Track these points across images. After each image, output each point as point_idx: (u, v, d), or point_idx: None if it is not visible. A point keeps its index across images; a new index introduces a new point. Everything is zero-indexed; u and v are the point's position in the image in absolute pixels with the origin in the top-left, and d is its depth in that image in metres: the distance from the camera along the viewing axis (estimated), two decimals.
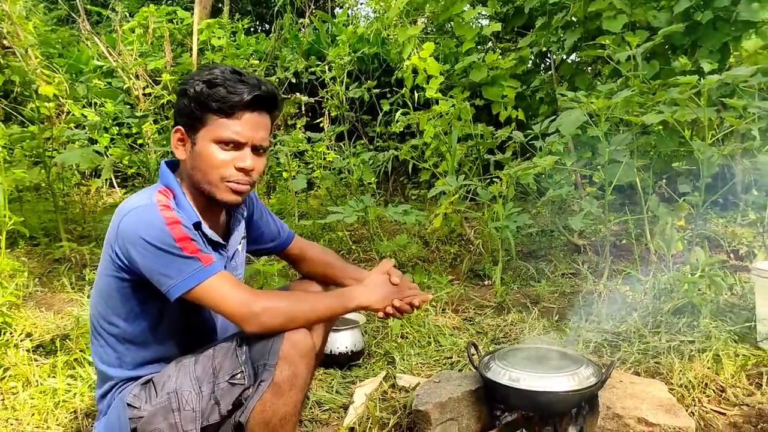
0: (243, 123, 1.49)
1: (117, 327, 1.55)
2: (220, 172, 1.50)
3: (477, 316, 3.18)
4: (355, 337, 2.60)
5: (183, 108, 1.51)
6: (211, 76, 1.48)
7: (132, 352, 1.57)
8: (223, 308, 1.45)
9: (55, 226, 4.56)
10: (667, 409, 1.84)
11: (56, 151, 4.45)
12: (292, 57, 6.52)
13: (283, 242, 1.90)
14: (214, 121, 1.48)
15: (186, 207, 1.53)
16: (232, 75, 1.49)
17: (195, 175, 1.53)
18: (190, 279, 1.42)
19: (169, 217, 1.44)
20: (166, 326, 1.57)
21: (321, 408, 2.27)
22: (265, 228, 1.86)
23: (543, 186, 4.24)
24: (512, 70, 5.11)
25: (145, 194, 1.52)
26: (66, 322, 2.90)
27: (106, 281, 1.52)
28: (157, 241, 1.41)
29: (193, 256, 1.43)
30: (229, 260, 1.67)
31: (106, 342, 1.57)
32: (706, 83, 2.98)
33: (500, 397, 2.00)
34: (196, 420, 1.46)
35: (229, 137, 1.48)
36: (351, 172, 5.31)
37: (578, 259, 3.98)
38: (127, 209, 1.47)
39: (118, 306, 1.53)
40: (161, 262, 1.41)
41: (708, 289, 2.96)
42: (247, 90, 1.47)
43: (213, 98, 1.46)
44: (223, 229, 1.69)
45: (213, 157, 1.49)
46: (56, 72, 5.17)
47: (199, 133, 1.50)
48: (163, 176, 1.58)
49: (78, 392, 2.28)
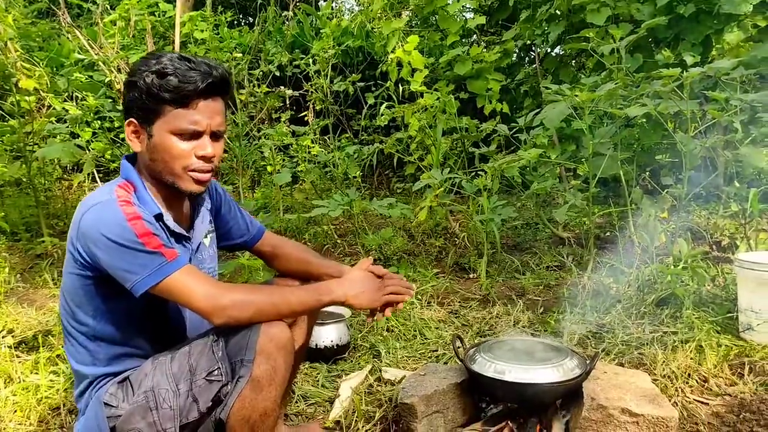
0: (199, 111, 1.47)
1: (85, 325, 1.53)
2: (181, 162, 1.48)
3: (462, 309, 3.18)
4: (340, 331, 2.60)
5: (134, 100, 1.48)
6: (160, 65, 1.45)
7: (103, 348, 1.55)
8: (190, 302, 1.44)
9: (36, 222, 4.51)
10: (650, 399, 1.85)
11: (37, 146, 4.39)
12: (276, 50, 6.47)
13: (252, 238, 1.87)
14: (170, 111, 1.46)
15: (147, 200, 1.51)
16: (181, 62, 1.46)
17: (155, 167, 1.51)
18: (155, 274, 1.40)
19: (130, 213, 1.42)
20: (134, 322, 1.55)
21: (307, 402, 2.27)
22: (233, 223, 1.84)
23: (527, 179, 4.26)
24: (497, 63, 5.11)
25: (105, 190, 1.50)
26: (48, 318, 2.87)
27: (71, 279, 1.50)
28: (118, 238, 1.39)
29: (156, 251, 1.41)
30: (194, 252, 1.65)
31: (76, 340, 1.55)
32: (689, 76, 3.00)
33: (486, 390, 2.01)
34: (174, 418, 1.45)
35: (186, 128, 1.47)
36: (336, 165, 5.29)
37: (563, 251, 4.00)
38: (88, 206, 1.44)
39: (84, 304, 1.51)
40: (124, 259, 1.39)
41: (691, 281, 2.99)
42: (200, 77, 1.45)
43: (165, 89, 1.44)
44: (187, 221, 1.67)
45: (173, 148, 1.47)
46: (37, 65, 5.08)
47: (154, 125, 1.48)
48: (124, 170, 1.56)
49: (60, 388, 2.26)
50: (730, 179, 4.17)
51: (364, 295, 1.65)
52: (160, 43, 6.82)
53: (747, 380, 2.24)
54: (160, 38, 6.98)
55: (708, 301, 2.90)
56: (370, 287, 1.68)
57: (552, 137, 4.38)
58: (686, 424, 2.01)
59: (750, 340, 2.51)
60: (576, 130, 3.88)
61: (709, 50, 4.40)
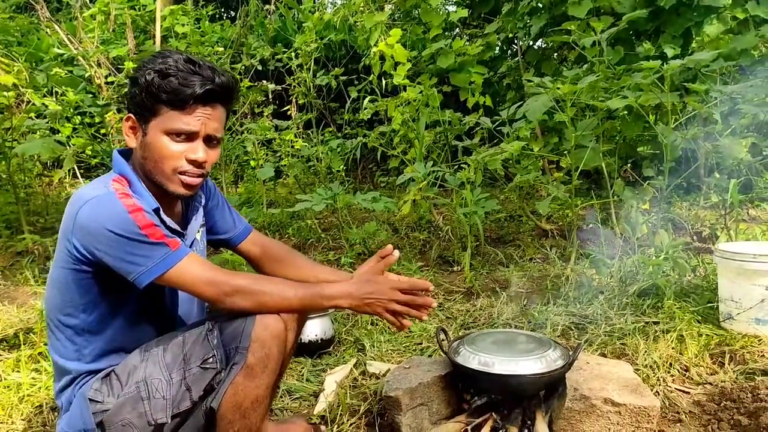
0: (195, 116, 1.46)
1: (74, 318, 1.51)
2: (171, 163, 1.47)
3: (446, 301, 3.19)
4: (324, 325, 2.60)
5: (134, 96, 1.48)
6: (163, 65, 1.44)
7: (91, 343, 1.53)
8: (196, 289, 1.45)
9: (17, 219, 4.46)
10: (632, 389, 1.87)
11: (16, 142, 4.34)
12: (258, 44, 6.44)
13: (237, 235, 1.83)
14: (166, 112, 1.45)
15: (143, 194, 1.50)
16: (186, 65, 1.45)
17: (146, 165, 1.51)
18: (161, 265, 1.41)
19: (131, 205, 1.41)
20: (125, 315, 1.55)
21: (291, 396, 2.26)
22: (219, 218, 1.82)
23: (511, 171, 4.27)
24: (479, 56, 5.12)
25: (99, 183, 1.49)
26: (30, 316, 2.84)
27: (63, 273, 1.49)
28: (121, 230, 1.38)
29: (160, 241, 1.41)
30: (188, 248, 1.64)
31: (63, 334, 1.54)
32: (669, 68, 3.03)
33: (470, 382, 2.01)
34: (166, 408, 1.45)
35: (180, 128, 1.46)
36: (319, 159, 5.28)
37: (546, 243, 4.03)
38: (84, 200, 1.43)
39: (76, 297, 1.50)
40: (128, 251, 1.39)
41: (672, 271, 3.02)
42: (199, 83, 1.44)
43: (164, 90, 1.43)
44: (180, 218, 1.66)
45: (164, 149, 1.46)
46: (15, 60, 5.02)
47: (150, 123, 1.47)
48: (117, 164, 1.54)
49: (43, 386, 2.24)
50: (710, 170, 4.22)
51: (369, 304, 1.56)
52: (140, 37, 6.76)
53: (727, 369, 2.27)
54: (141, 32, 6.92)
55: (689, 291, 2.93)
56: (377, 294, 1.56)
57: (534, 130, 4.41)
58: (668, 413, 2.04)
59: (730, 330, 2.54)
60: (558, 123, 3.90)
61: (690, 42, 4.44)
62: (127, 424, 1.46)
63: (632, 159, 4.56)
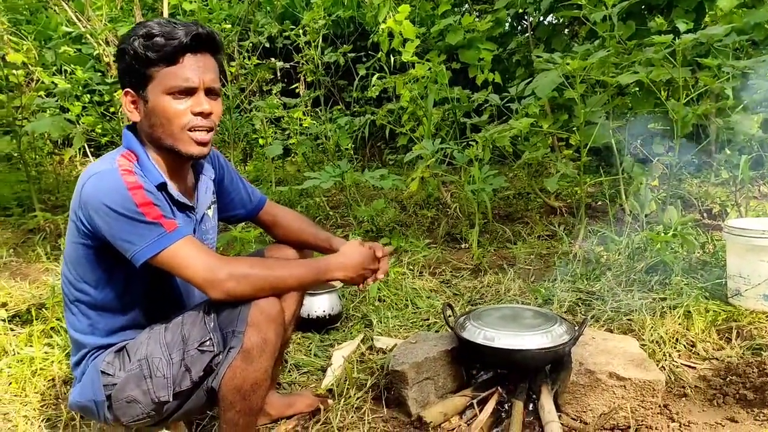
0: (188, 67, 1.46)
1: (87, 294, 1.54)
2: (178, 121, 1.48)
3: (454, 278, 3.20)
4: (332, 301, 2.62)
5: (126, 68, 1.48)
6: (145, 29, 1.45)
7: (103, 318, 1.56)
8: (188, 274, 1.43)
9: (28, 196, 4.50)
10: (637, 363, 1.88)
11: (27, 120, 4.35)
12: (265, 21, 6.38)
13: (254, 208, 1.89)
14: (159, 72, 1.45)
15: (150, 169, 1.51)
16: (166, 23, 1.46)
17: (155, 133, 1.50)
18: (154, 245, 1.40)
19: (131, 182, 1.41)
20: (134, 292, 1.56)
21: (299, 371, 2.29)
22: (235, 194, 1.84)
23: (519, 149, 4.25)
24: (489, 32, 5.06)
25: (107, 159, 1.50)
26: (42, 292, 2.88)
27: (74, 248, 1.51)
28: (118, 207, 1.39)
29: (155, 221, 1.41)
30: (198, 223, 1.65)
31: (77, 309, 1.56)
32: (681, 43, 2.99)
33: (476, 356, 2.03)
34: (168, 387, 1.47)
35: (179, 85, 1.46)
36: (327, 137, 5.27)
37: (554, 220, 4.02)
38: (89, 175, 1.44)
39: (87, 273, 1.52)
40: (124, 228, 1.40)
41: (680, 248, 3.02)
42: (183, 32, 1.44)
43: (152, 49, 1.43)
44: (191, 192, 1.67)
45: (169, 109, 1.47)
46: (24, 39, 5.02)
47: (148, 89, 1.47)
48: (126, 140, 1.55)
49: (55, 360, 2.28)
50: (721, 147, 4.17)
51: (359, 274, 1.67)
52: (148, 15, 6.72)
53: (734, 344, 2.27)
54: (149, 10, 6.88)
55: (697, 267, 2.92)
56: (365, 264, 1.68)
57: (544, 106, 4.37)
58: (673, 387, 2.05)
59: (738, 306, 2.53)
60: (568, 99, 3.86)
61: (702, 17, 4.35)
62: (132, 400, 1.48)
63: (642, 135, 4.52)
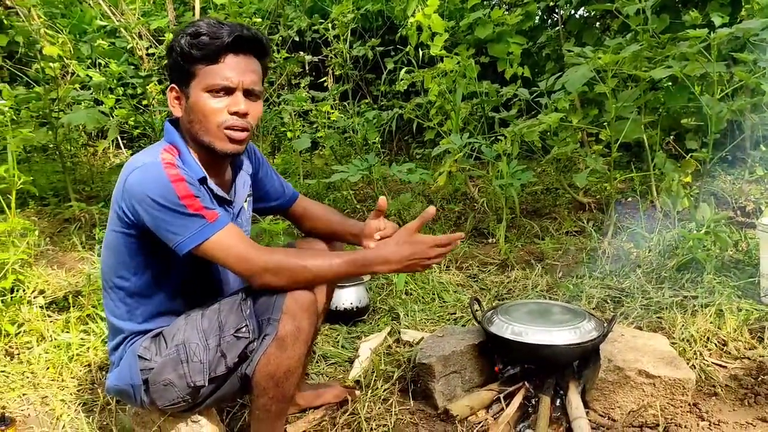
0: (229, 67, 1.49)
1: (126, 281, 1.58)
2: (215, 119, 1.51)
3: (481, 273, 3.20)
4: (360, 294, 2.64)
5: (172, 65, 1.53)
6: (194, 28, 1.49)
7: (141, 305, 1.60)
8: (230, 263, 1.47)
9: (63, 187, 4.60)
10: (668, 361, 1.87)
11: (62, 112, 4.45)
12: (295, 15, 6.42)
13: (287, 201, 1.92)
14: (201, 70, 1.49)
15: (191, 163, 1.54)
16: (215, 23, 1.50)
17: (193, 128, 1.54)
18: (197, 235, 1.44)
19: (174, 175, 1.45)
20: (173, 280, 1.60)
21: (327, 362, 2.32)
22: (269, 186, 1.88)
23: (548, 144, 4.22)
24: (518, 26, 5.02)
25: (150, 152, 1.54)
26: (78, 280, 2.94)
27: (114, 236, 1.55)
28: (161, 199, 1.42)
29: (197, 213, 1.44)
30: (235, 217, 1.69)
31: (116, 296, 1.61)
32: (717, 37, 2.93)
33: (503, 351, 2.03)
34: (203, 371, 1.50)
35: (217, 83, 1.49)
36: (355, 131, 5.29)
37: (583, 216, 3.98)
38: (133, 166, 1.48)
39: (127, 260, 1.56)
40: (167, 220, 1.43)
41: (713, 246, 2.97)
42: (227, 32, 1.48)
43: (197, 47, 1.47)
44: (228, 186, 1.70)
45: (206, 106, 1.50)
46: (60, 32, 5.13)
47: (190, 86, 1.51)
48: (168, 134, 1.59)
49: (91, 346, 2.34)
50: (756, 143, 4.10)
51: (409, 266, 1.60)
52: (180, 9, 6.81)
53: (767, 344, 2.24)
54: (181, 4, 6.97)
55: (730, 266, 2.88)
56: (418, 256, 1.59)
57: (574, 101, 4.32)
58: (704, 386, 2.03)
59: None
60: (599, 94, 3.81)
61: (738, 10, 4.28)
62: (168, 383, 1.52)
63: (675, 131, 4.45)
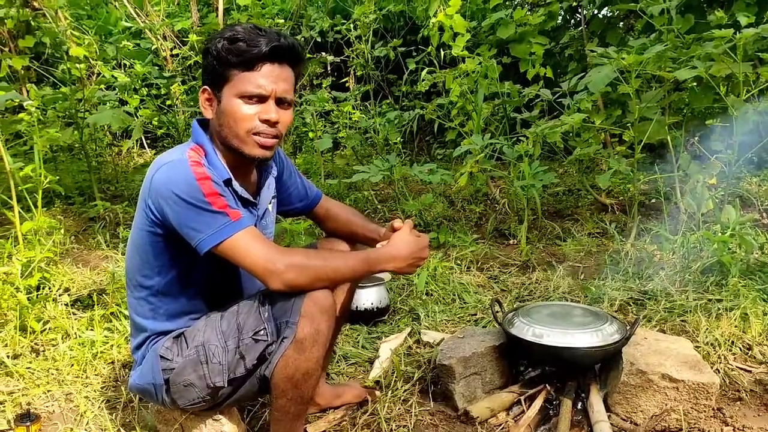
0: (263, 75, 1.51)
1: (150, 279, 1.60)
2: (245, 125, 1.52)
3: (502, 274, 3.19)
4: (380, 294, 2.64)
5: (207, 67, 1.55)
6: (232, 32, 1.51)
7: (165, 304, 1.62)
8: (249, 264, 1.47)
9: (89, 186, 4.67)
10: (691, 365, 1.84)
11: (88, 112, 4.51)
12: (317, 16, 6.45)
13: (311, 202, 1.93)
14: (236, 75, 1.51)
15: (217, 164, 1.56)
16: (253, 30, 1.51)
17: (222, 132, 1.56)
18: (218, 233, 1.45)
19: (200, 173, 1.47)
20: (196, 280, 1.62)
21: (347, 362, 2.33)
22: (293, 188, 1.89)
23: (570, 145, 4.19)
24: (541, 26, 4.99)
25: (177, 151, 1.56)
26: (102, 278, 2.99)
27: (140, 234, 1.57)
28: (186, 196, 1.44)
29: (221, 210, 1.46)
30: (260, 219, 1.70)
31: (140, 294, 1.63)
32: (742, 37, 2.89)
33: (524, 353, 2.03)
34: (223, 373, 1.52)
35: (251, 90, 1.50)
36: (377, 131, 5.29)
37: (605, 218, 3.95)
38: (160, 164, 1.51)
39: (151, 259, 1.58)
40: (190, 217, 1.45)
41: (738, 248, 2.93)
42: (265, 41, 1.49)
43: (233, 53, 1.49)
44: (254, 188, 1.72)
45: (238, 112, 1.52)
46: (86, 33, 5.20)
47: (223, 90, 1.53)
48: (195, 134, 1.61)
49: (115, 344, 2.37)
50: None
51: (411, 264, 1.67)
52: (204, 10, 6.88)
53: None
54: (205, 5, 7.04)
55: (755, 269, 2.83)
56: (416, 253, 1.67)
57: (597, 102, 4.29)
58: (728, 390, 2.00)
59: None
60: (622, 95, 3.78)
61: (765, 9, 4.21)
62: (189, 384, 1.54)
63: (700, 132, 4.39)
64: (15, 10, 4.30)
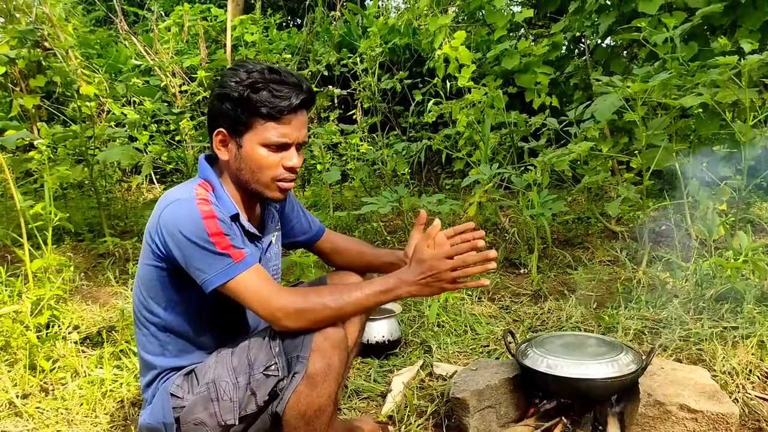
0: (290, 126, 1.52)
1: (157, 316, 1.60)
2: (271, 173, 1.55)
3: (513, 304, 3.16)
4: (391, 327, 2.62)
5: (226, 112, 1.52)
6: (251, 79, 1.49)
7: (173, 340, 1.62)
8: (252, 305, 1.48)
9: (98, 222, 4.69)
10: (709, 395, 1.81)
11: (98, 149, 4.56)
12: (324, 50, 6.55)
13: (313, 236, 1.92)
14: (260, 125, 1.51)
15: (225, 200, 1.57)
16: (271, 75, 1.50)
17: (242, 176, 1.57)
18: (222, 274, 1.46)
19: (206, 211, 1.47)
20: (203, 316, 1.61)
21: (359, 396, 2.30)
22: (296, 222, 1.89)
23: (578, 173, 4.19)
24: (545, 56, 5.03)
25: (185, 187, 1.56)
26: (111, 315, 2.98)
27: (147, 270, 1.57)
28: (191, 235, 1.45)
29: (224, 252, 1.46)
30: (264, 252, 1.70)
31: (148, 330, 1.62)
32: (747, 63, 2.90)
33: (539, 385, 1.99)
34: (234, 410, 1.50)
35: (277, 141, 1.52)
36: (384, 163, 5.32)
37: (616, 246, 3.92)
38: (168, 201, 1.51)
39: (158, 295, 1.58)
40: (195, 256, 1.46)
41: (752, 275, 2.90)
42: (294, 94, 1.50)
43: (261, 104, 1.49)
44: (258, 220, 1.72)
45: (263, 160, 1.53)
46: (96, 72, 5.30)
47: (245, 136, 1.53)
48: (203, 170, 1.61)
49: (124, 382, 2.35)
50: None
51: (427, 284, 1.50)
52: (212, 47, 6.99)
53: None
54: (213, 42, 7.16)
55: None
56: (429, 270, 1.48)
57: (603, 130, 4.30)
58: (747, 420, 1.96)
59: None
60: (628, 122, 3.79)
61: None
62: (199, 423, 1.52)
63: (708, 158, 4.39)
64: (26, 50, 4.39)
